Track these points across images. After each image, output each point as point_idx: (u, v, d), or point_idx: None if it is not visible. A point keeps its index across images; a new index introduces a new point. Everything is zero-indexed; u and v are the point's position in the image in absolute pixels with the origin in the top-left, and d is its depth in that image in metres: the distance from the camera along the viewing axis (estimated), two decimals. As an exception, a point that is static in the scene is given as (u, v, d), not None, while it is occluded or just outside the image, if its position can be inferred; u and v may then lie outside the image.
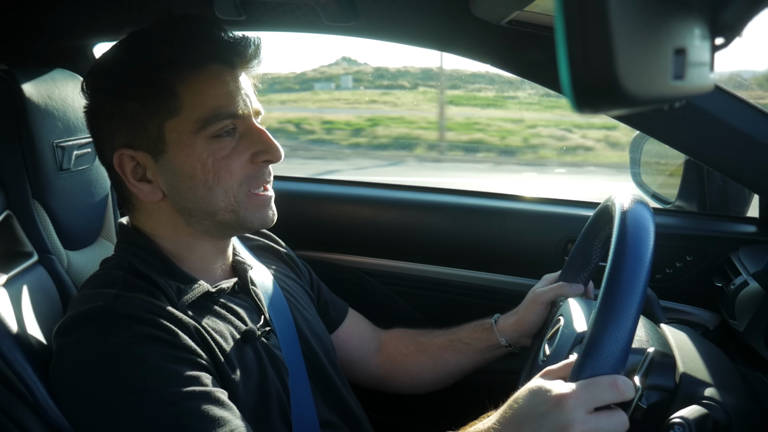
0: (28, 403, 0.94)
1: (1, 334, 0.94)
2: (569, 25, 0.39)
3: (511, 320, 1.23)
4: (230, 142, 0.95)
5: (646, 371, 0.79)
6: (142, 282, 0.94)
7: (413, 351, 1.32)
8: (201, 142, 0.93)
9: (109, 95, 0.96)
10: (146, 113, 0.93)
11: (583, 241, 1.13)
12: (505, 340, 1.23)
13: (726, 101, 1.09)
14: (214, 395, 0.85)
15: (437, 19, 1.22)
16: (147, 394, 0.82)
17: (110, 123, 0.96)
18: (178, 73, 0.93)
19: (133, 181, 0.96)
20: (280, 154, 0.98)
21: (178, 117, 0.93)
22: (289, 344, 1.06)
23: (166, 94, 0.92)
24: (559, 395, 0.73)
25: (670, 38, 0.44)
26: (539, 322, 1.19)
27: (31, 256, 1.11)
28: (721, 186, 1.50)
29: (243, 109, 0.96)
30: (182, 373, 0.84)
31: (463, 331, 1.29)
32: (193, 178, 0.94)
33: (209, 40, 0.95)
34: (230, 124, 0.95)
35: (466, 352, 1.27)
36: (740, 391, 0.83)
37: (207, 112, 0.93)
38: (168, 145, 0.94)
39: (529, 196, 1.60)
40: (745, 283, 1.16)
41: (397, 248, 1.64)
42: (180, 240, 1.01)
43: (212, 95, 0.93)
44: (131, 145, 0.95)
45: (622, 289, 0.73)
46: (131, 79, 0.94)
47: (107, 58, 0.98)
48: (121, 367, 0.83)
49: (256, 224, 1.00)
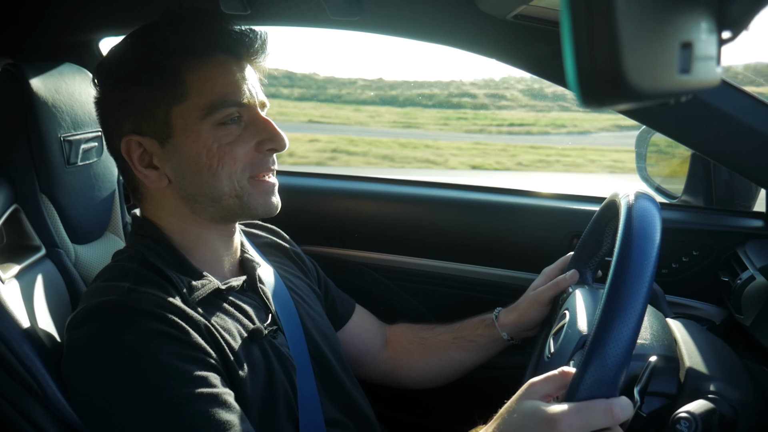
0: (37, 395, 0.94)
1: (10, 328, 0.95)
2: (575, 19, 0.39)
3: (512, 316, 1.25)
4: (236, 130, 0.96)
5: (646, 383, 0.77)
6: (154, 276, 0.94)
7: (417, 347, 1.33)
8: (207, 128, 0.95)
9: (118, 83, 0.97)
10: (153, 99, 0.95)
11: (589, 236, 1.13)
12: (507, 335, 1.25)
13: (733, 95, 1.09)
14: (222, 398, 0.85)
15: (443, 14, 1.22)
16: (156, 393, 0.82)
17: (119, 110, 0.97)
18: (185, 60, 0.95)
19: (140, 168, 0.98)
20: (284, 142, 0.99)
21: (185, 103, 0.94)
22: (296, 342, 1.06)
23: (173, 80, 0.94)
24: (553, 418, 0.71)
25: (676, 32, 0.44)
26: (540, 319, 1.21)
27: (38, 249, 1.12)
28: (728, 180, 1.50)
29: (249, 99, 0.98)
30: (192, 373, 0.85)
31: (465, 328, 1.30)
32: (198, 163, 0.95)
33: (217, 30, 0.97)
34: (236, 111, 0.96)
35: (470, 350, 1.29)
36: (747, 385, 0.83)
37: (213, 99, 0.94)
38: (174, 130, 0.95)
39: (535, 191, 1.60)
40: (752, 278, 1.16)
41: (403, 243, 1.64)
42: (186, 230, 1.02)
43: (218, 83, 0.95)
44: (139, 131, 0.96)
45: (626, 288, 0.72)
46: (139, 66, 0.96)
47: (117, 49, 1.00)
48: (134, 364, 0.84)
49: (260, 211, 1.01)
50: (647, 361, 0.80)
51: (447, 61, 21.82)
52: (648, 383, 0.78)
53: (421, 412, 1.60)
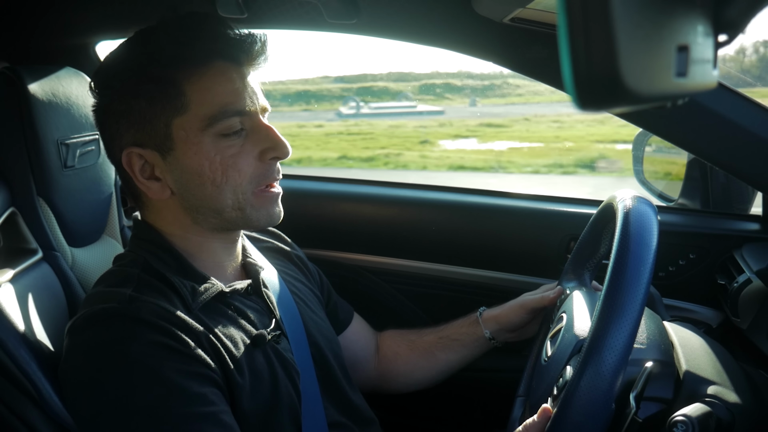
0: (33, 399, 0.94)
1: (7, 331, 0.94)
2: (572, 22, 0.39)
3: (494, 312, 1.28)
4: (238, 141, 0.95)
5: (642, 389, 0.77)
6: (157, 282, 0.94)
7: (405, 350, 1.33)
8: (208, 140, 0.93)
9: (116, 94, 0.96)
10: (153, 111, 0.93)
11: (587, 238, 1.13)
12: (489, 333, 1.26)
13: (729, 98, 1.09)
14: (218, 417, 0.85)
15: (439, 17, 1.22)
16: (152, 409, 0.82)
17: (118, 122, 0.96)
18: (184, 70, 0.93)
19: (142, 179, 0.97)
20: (287, 150, 0.98)
21: (185, 115, 0.93)
22: (299, 347, 1.06)
23: (172, 92, 0.92)
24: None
25: (672, 35, 0.44)
26: (520, 324, 1.24)
27: (35, 253, 1.12)
28: (725, 183, 1.50)
29: (250, 106, 0.96)
30: (190, 390, 0.84)
31: (451, 327, 1.32)
32: (201, 176, 0.94)
33: (215, 37, 0.95)
34: (238, 122, 0.94)
35: (455, 348, 1.30)
36: (743, 389, 0.83)
37: (214, 110, 0.93)
38: (175, 143, 0.94)
39: (531, 194, 1.60)
40: (749, 281, 1.16)
41: (400, 246, 1.64)
42: (188, 238, 1.01)
43: (219, 92, 0.93)
44: (139, 143, 0.95)
45: (622, 296, 0.72)
46: (138, 78, 0.94)
47: (114, 57, 0.98)
48: (133, 376, 0.83)
49: (262, 222, 1.00)
50: (643, 366, 0.80)
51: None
52: (644, 389, 0.78)
53: (422, 416, 1.60)
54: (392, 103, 15.28)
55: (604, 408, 0.72)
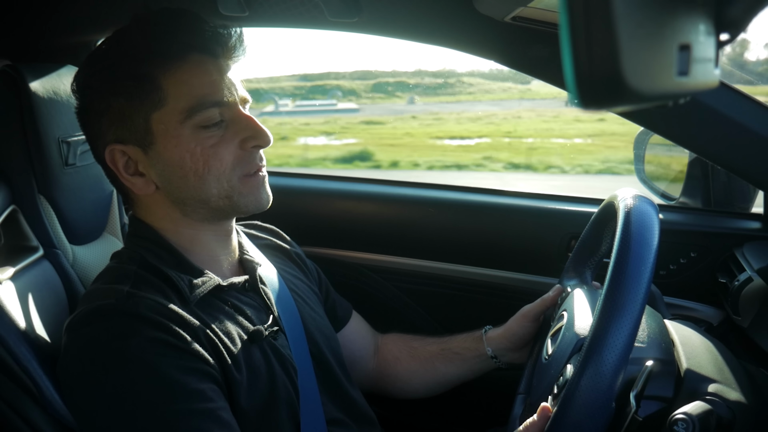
0: (34, 396, 0.94)
1: (7, 328, 0.95)
2: (573, 21, 0.39)
3: (499, 330, 1.26)
4: (218, 132, 0.96)
5: (642, 388, 0.77)
6: (154, 278, 0.94)
7: (406, 356, 1.33)
8: (188, 132, 0.94)
9: (95, 93, 0.97)
10: (132, 107, 0.94)
11: (588, 236, 1.13)
12: (491, 351, 1.25)
13: (730, 97, 1.09)
14: (217, 413, 0.85)
15: (441, 15, 1.22)
16: (150, 405, 0.82)
17: (100, 120, 0.97)
18: (160, 65, 0.93)
19: (126, 176, 0.98)
20: (268, 138, 0.98)
21: (163, 108, 0.93)
22: (297, 343, 1.06)
23: (149, 86, 0.93)
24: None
25: (674, 34, 0.44)
26: (526, 336, 1.22)
27: (36, 250, 1.12)
28: (726, 182, 1.50)
29: (228, 97, 0.96)
30: (189, 387, 0.84)
31: (455, 340, 1.31)
32: (183, 168, 0.95)
33: (190, 30, 0.96)
34: (217, 113, 0.95)
35: (455, 362, 1.29)
36: (744, 387, 0.83)
37: (192, 102, 0.93)
38: (156, 137, 0.94)
39: (532, 193, 1.60)
40: (750, 279, 1.16)
41: (401, 244, 1.64)
42: (180, 232, 1.01)
43: (195, 85, 0.94)
44: (121, 140, 0.96)
45: (623, 296, 0.72)
46: (115, 75, 0.94)
47: (92, 57, 0.99)
48: (131, 372, 0.83)
49: (251, 207, 1.00)
50: (644, 365, 0.80)
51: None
52: (644, 388, 0.78)
53: (422, 413, 1.60)
54: (315, 102, 15.96)
55: (604, 407, 0.72)
